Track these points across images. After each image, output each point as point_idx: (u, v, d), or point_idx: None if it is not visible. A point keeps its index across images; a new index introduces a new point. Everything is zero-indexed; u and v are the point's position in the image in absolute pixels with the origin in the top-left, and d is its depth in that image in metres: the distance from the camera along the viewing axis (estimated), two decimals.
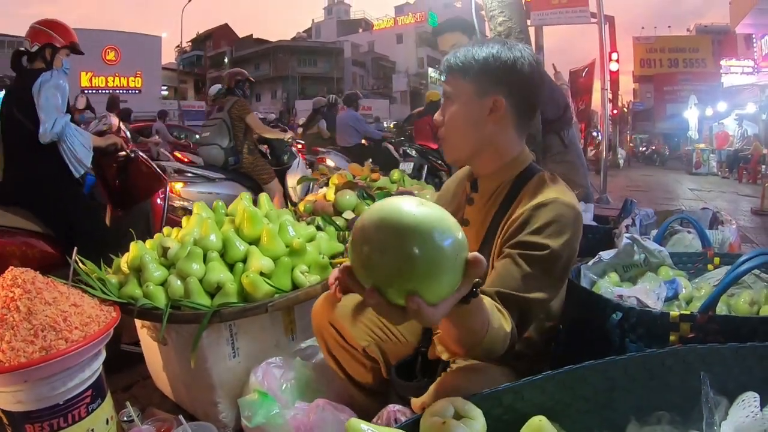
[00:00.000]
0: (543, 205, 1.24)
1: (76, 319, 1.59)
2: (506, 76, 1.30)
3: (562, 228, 1.22)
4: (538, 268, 1.19)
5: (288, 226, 2.18)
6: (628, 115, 34.61)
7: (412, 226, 0.76)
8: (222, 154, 4.71)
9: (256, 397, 1.72)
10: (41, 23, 2.92)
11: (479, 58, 1.31)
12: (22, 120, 2.73)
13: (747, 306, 1.53)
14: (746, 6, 14.60)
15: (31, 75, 2.77)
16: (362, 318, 1.60)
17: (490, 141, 1.35)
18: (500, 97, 1.31)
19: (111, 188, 3.46)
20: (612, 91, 10.93)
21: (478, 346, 1.05)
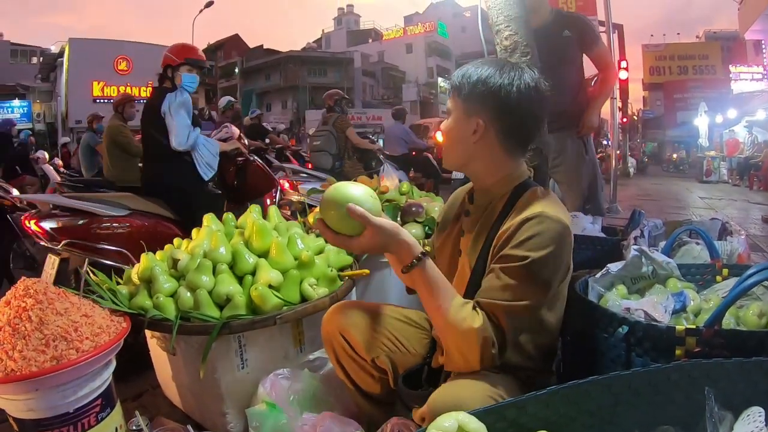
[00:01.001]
0: (528, 220, 1.30)
1: (87, 330, 1.60)
2: (491, 102, 1.37)
3: (544, 240, 1.28)
4: (518, 278, 1.26)
5: (297, 238, 2.19)
6: (638, 123, 34.47)
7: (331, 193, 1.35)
8: (330, 159, 6.19)
9: (264, 408, 1.73)
10: (168, 49, 3.45)
11: (471, 80, 1.39)
12: (154, 134, 3.31)
13: (756, 318, 1.52)
14: (755, 12, 14.56)
15: (158, 94, 3.32)
16: (373, 329, 1.62)
17: (475, 158, 1.44)
18: (483, 120, 1.38)
19: (228, 187, 4.08)
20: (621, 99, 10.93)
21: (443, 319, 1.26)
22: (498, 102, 1.37)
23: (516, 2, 2.23)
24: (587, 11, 8.16)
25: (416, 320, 1.71)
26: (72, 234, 2.86)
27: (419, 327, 1.69)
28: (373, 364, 1.61)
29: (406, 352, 1.63)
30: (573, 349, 1.67)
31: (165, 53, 3.41)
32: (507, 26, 2.23)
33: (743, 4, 16.12)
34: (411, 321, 1.70)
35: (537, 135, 1.46)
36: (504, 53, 2.26)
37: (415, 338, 1.65)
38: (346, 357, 1.66)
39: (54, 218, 3.02)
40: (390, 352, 1.61)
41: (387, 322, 1.66)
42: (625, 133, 17.14)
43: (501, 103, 1.36)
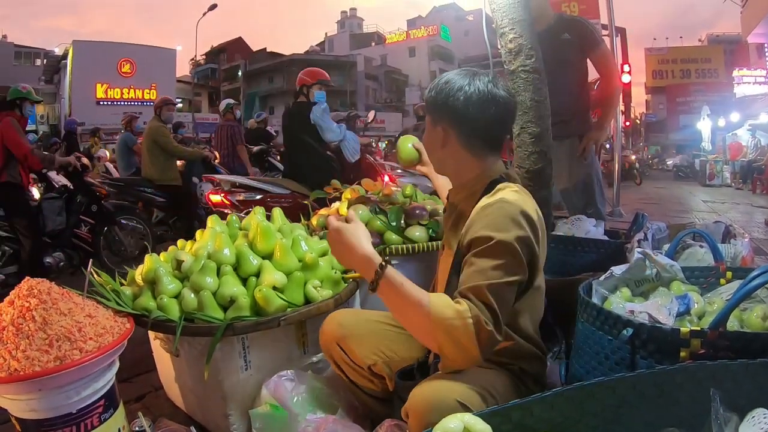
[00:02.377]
0: (488, 206, 1.38)
1: (91, 330, 1.60)
2: (446, 110, 1.48)
3: (504, 221, 1.33)
4: (490, 257, 1.29)
5: (301, 240, 2.20)
6: (640, 127, 34.44)
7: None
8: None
9: (268, 410, 1.73)
10: (302, 72, 4.63)
11: (432, 93, 1.52)
12: (306, 138, 4.37)
13: (759, 321, 1.52)
14: (758, 15, 14.54)
15: (305, 107, 4.40)
16: (369, 338, 1.67)
17: (447, 162, 1.57)
18: (443, 127, 1.50)
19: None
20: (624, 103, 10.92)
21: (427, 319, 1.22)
22: (450, 109, 1.47)
23: (520, 5, 2.23)
24: (590, 15, 8.17)
25: None
26: (251, 206, 3.76)
27: None
28: (371, 372, 1.65)
29: (402, 357, 1.66)
30: (577, 352, 1.66)
31: (300, 76, 4.59)
32: (511, 29, 2.23)
33: (746, 8, 16.11)
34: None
35: (503, 135, 1.55)
36: (508, 56, 2.26)
37: (411, 343, 1.67)
38: (345, 365, 1.72)
39: (236, 193, 4.39)
40: (387, 359, 1.65)
41: (382, 329, 1.71)
42: (628, 136, 17.16)
43: (454, 109, 1.46)
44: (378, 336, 1.69)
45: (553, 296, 2.33)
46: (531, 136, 2.24)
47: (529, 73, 2.23)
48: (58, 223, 4.66)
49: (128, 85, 31.03)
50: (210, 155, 6.40)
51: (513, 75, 2.25)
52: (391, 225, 2.57)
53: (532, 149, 2.25)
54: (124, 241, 5.19)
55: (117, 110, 28.21)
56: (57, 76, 33.82)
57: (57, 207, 4.68)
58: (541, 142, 2.25)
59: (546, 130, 2.27)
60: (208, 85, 46.42)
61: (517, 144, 2.29)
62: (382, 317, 1.76)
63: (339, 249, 1.38)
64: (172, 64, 34.09)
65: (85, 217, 4.96)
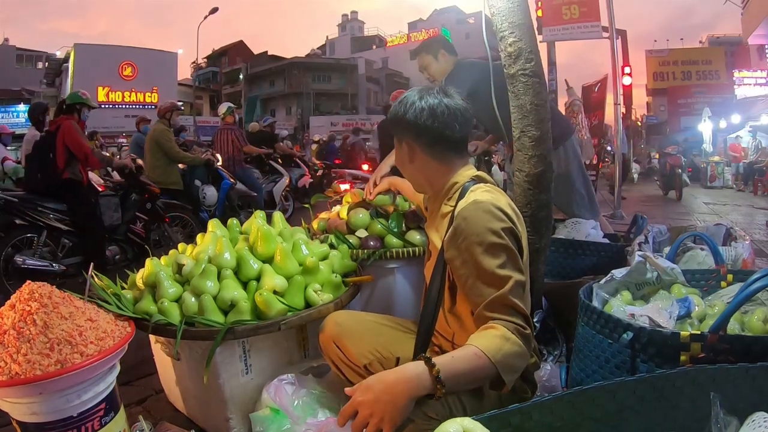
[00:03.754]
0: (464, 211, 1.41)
1: (92, 334, 1.61)
2: (404, 124, 1.57)
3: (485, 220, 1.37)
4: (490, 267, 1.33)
5: (301, 244, 2.20)
6: (642, 129, 34.40)
7: None
8: None
9: (268, 413, 1.74)
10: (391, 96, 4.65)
11: (392, 115, 1.62)
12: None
13: (760, 323, 1.52)
14: (759, 17, 14.54)
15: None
16: (365, 337, 1.71)
17: (418, 175, 1.65)
18: (408, 141, 1.59)
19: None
20: (625, 105, 10.91)
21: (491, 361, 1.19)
22: (409, 124, 1.55)
23: (520, 9, 2.23)
24: (591, 17, 8.15)
25: (408, 326, 1.79)
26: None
27: (410, 332, 1.74)
28: (367, 371, 1.65)
29: (400, 357, 1.67)
30: (578, 355, 1.66)
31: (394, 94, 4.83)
32: (511, 33, 2.23)
33: (746, 10, 16.11)
34: (402, 327, 1.79)
35: (462, 140, 1.60)
36: (508, 60, 2.26)
37: (405, 344, 1.69)
38: (341, 364, 1.73)
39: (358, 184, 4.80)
40: (382, 358, 1.67)
41: (380, 329, 1.76)
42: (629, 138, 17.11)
43: (411, 123, 1.55)
44: (375, 335, 1.72)
45: (553, 299, 2.34)
46: (531, 140, 2.24)
47: (528, 77, 2.22)
48: (114, 219, 4.99)
49: (130, 88, 31.08)
50: (212, 159, 6.53)
51: (513, 79, 2.25)
52: (392, 229, 2.57)
53: (532, 153, 2.24)
54: (173, 237, 5.47)
55: (118, 113, 28.28)
56: (58, 79, 33.85)
57: (113, 204, 5.03)
58: (541, 146, 2.25)
59: (546, 133, 2.26)
60: (209, 88, 46.47)
61: (517, 147, 2.29)
62: (380, 318, 1.82)
63: (388, 397, 1.15)
64: (174, 68, 34.14)
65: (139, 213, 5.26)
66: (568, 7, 8.24)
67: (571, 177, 3.37)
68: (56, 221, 4.45)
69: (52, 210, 4.44)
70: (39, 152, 4.55)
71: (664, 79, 33.16)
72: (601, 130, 11.45)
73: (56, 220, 4.45)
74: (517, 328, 1.26)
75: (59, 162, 4.39)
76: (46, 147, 4.44)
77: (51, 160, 4.39)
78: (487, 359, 1.20)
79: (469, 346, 1.23)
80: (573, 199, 3.36)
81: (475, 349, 1.21)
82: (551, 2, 8.03)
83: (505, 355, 1.21)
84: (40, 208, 4.37)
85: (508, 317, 1.28)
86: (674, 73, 32.94)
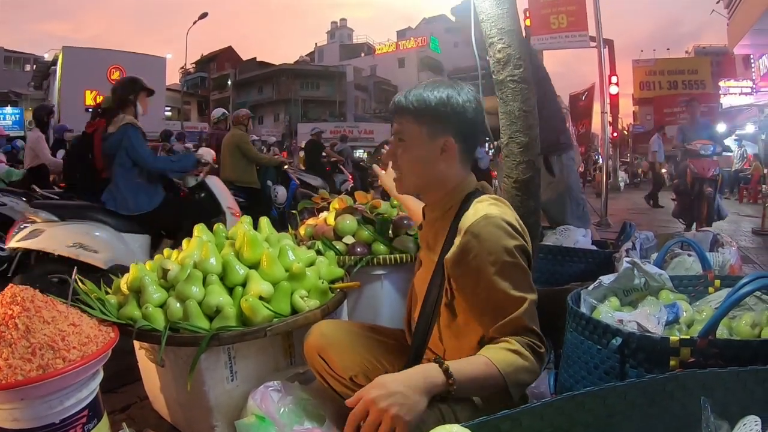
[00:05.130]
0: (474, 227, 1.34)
1: (75, 339, 1.58)
2: (455, 120, 1.45)
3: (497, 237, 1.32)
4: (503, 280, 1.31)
5: (288, 250, 2.18)
6: (628, 137, 34.71)
7: None
8: None
9: (254, 421, 1.71)
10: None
11: (431, 103, 1.44)
12: None
13: (748, 328, 1.52)
14: (744, 27, 14.68)
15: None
16: (350, 348, 1.66)
17: (438, 177, 1.49)
18: (450, 138, 1.45)
19: None
20: (612, 114, 11.01)
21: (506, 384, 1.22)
22: (462, 118, 1.45)
23: (509, 15, 2.24)
24: (578, 27, 8.22)
25: (393, 336, 1.76)
26: None
27: (396, 342, 1.73)
28: (352, 382, 1.62)
29: (383, 368, 1.64)
30: (566, 362, 1.66)
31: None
32: (500, 39, 2.24)
33: (732, 20, 16.28)
34: (387, 338, 1.75)
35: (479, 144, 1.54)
36: (497, 66, 2.26)
37: (392, 354, 1.68)
38: (327, 375, 1.68)
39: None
40: (368, 369, 1.62)
41: (364, 341, 1.70)
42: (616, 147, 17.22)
43: (464, 119, 1.45)
44: (361, 346, 1.67)
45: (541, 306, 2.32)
46: (519, 146, 2.24)
47: (517, 83, 2.23)
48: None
49: None
50: (285, 161, 7.08)
51: (501, 85, 2.26)
52: (379, 235, 2.57)
53: (521, 159, 2.25)
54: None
55: None
56: (46, 81, 33.66)
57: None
58: (529, 152, 2.25)
59: (534, 139, 2.27)
60: (197, 93, 46.36)
61: (506, 154, 2.29)
62: (366, 328, 1.77)
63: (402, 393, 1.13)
64: (162, 72, 33.97)
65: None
66: (556, 16, 8.31)
67: (570, 186, 3.39)
68: None
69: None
70: (78, 153, 4.64)
71: (651, 88, 33.51)
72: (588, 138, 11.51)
73: None
74: (531, 345, 1.27)
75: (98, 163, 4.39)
76: (85, 148, 4.48)
77: (89, 161, 4.43)
78: (496, 370, 1.20)
79: (480, 356, 1.24)
80: (570, 208, 3.37)
81: (486, 359, 1.22)
82: (540, 11, 8.09)
83: (516, 369, 1.22)
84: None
85: (523, 337, 1.29)
86: (660, 82, 33.30)
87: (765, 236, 7.45)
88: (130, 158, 3.70)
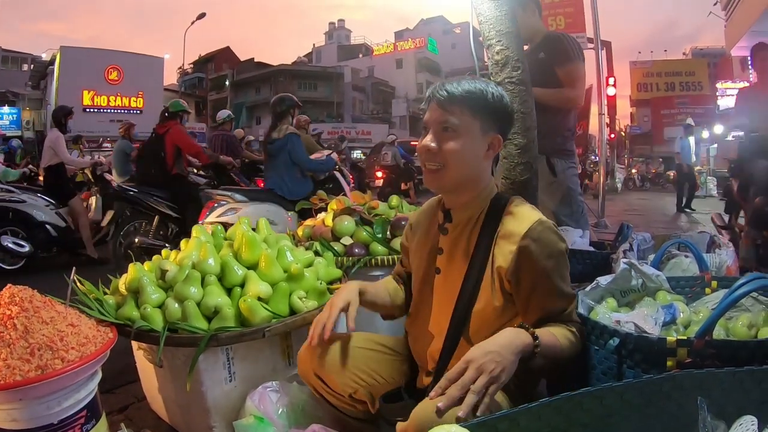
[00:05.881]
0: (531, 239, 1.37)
1: (73, 339, 1.58)
2: (503, 117, 1.46)
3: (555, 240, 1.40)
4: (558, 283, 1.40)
5: (286, 251, 2.18)
6: (625, 139, 34.80)
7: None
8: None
9: (252, 421, 1.71)
10: None
11: (488, 97, 1.42)
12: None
13: (745, 329, 1.52)
14: (742, 29, 14.71)
15: None
16: (347, 365, 1.59)
17: (479, 174, 1.47)
18: (499, 135, 1.45)
19: None
20: (609, 115, 11.04)
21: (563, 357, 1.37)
22: (507, 117, 1.47)
23: (507, 17, 2.25)
24: (576, 29, 8.24)
25: (391, 347, 1.70)
26: None
27: (395, 353, 1.69)
28: (352, 399, 1.59)
29: (384, 381, 1.62)
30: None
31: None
32: (498, 41, 2.24)
33: (730, 22, 16.31)
34: (386, 349, 1.69)
35: None
36: (495, 67, 2.27)
37: (391, 366, 1.65)
38: (325, 393, 1.63)
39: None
40: (367, 385, 1.59)
41: (361, 355, 1.62)
42: (613, 149, 17.25)
43: (509, 117, 1.48)
44: (358, 362, 1.60)
45: None
46: (517, 148, 2.25)
47: (515, 85, 2.24)
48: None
49: (115, 93, 30.77)
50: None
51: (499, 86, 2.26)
52: (377, 236, 2.57)
53: (518, 160, 2.25)
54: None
55: (103, 118, 28.01)
56: (44, 81, 33.51)
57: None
58: (527, 154, 2.26)
59: (532, 141, 2.28)
60: (195, 94, 46.23)
61: (503, 155, 2.30)
62: (361, 341, 1.67)
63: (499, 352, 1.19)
64: (160, 73, 33.88)
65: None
66: (554, 18, 8.34)
67: (570, 187, 3.39)
68: (167, 209, 5.53)
69: (163, 199, 5.53)
70: (150, 151, 5.68)
71: (648, 90, 33.65)
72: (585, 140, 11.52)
73: (167, 208, 5.53)
74: (581, 331, 1.46)
75: (168, 160, 5.49)
76: (157, 147, 5.52)
77: (161, 158, 5.46)
78: (559, 344, 1.35)
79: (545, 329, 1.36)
80: (568, 209, 3.36)
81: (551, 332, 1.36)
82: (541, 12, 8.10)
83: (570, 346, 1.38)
84: (154, 197, 5.48)
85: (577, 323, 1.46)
86: (658, 84, 33.45)
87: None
88: (291, 158, 4.83)
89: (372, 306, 1.67)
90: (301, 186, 4.94)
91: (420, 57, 48.23)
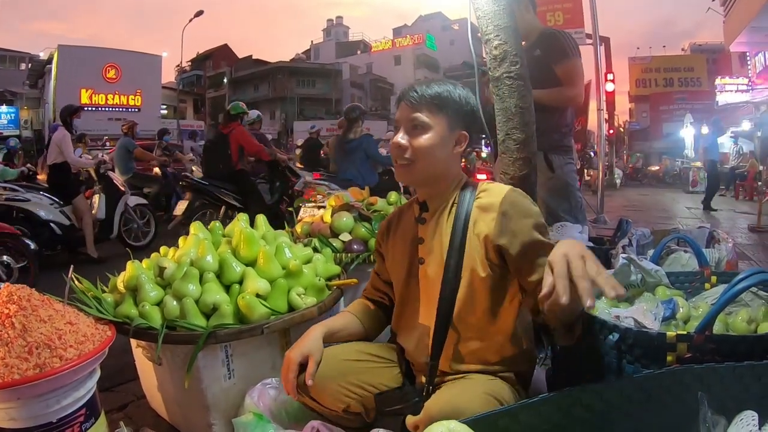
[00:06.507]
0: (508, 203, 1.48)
1: (71, 338, 1.57)
2: (470, 117, 1.57)
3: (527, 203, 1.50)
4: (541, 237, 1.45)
5: (284, 247, 2.18)
6: (624, 135, 34.80)
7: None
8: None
9: (252, 418, 1.71)
10: None
11: (455, 97, 1.54)
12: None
13: (745, 324, 1.53)
14: (740, 25, 14.69)
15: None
16: (338, 381, 1.58)
17: (448, 167, 1.57)
18: (465, 132, 1.56)
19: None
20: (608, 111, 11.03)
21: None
22: (474, 117, 1.58)
23: (505, 12, 2.24)
24: (574, 24, 8.24)
25: (382, 355, 1.69)
26: None
27: (385, 360, 1.68)
28: (346, 412, 1.59)
29: (377, 388, 1.61)
30: (564, 358, 1.66)
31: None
32: (496, 36, 2.24)
33: (728, 17, 16.30)
34: (377, 358, 1.68)
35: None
36: (493, 62, 2.26)
37: (382, 374, 1.64)
38: (318, 408, 1.63)
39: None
40: (359, 397, 1.59)
41: (350, 368, 1.61)
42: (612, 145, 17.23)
43: (474, 115, 1.58)
44: (347, 376, 1.59)
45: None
46: (516, 143, 2.24)
47: (513, 80, 2.23)
48: (268, 199, 6.73)
49: (113, 91, 30.75)
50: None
51: (498, 81, 2.26)
52: (376, 232, 2.56)
53: (517, 155, 2.25)
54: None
55: (101, 116, 27.93)
56: (41, 80, 33.45)
57: (266, 189, 6.85)
58: (526, 149, 2.25)
59: (531, 136, 2.27)
60: (193, 91, 46.23)
61: (502, 150, 2.29)
62: (349, 353, 1.65)
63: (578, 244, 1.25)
64: (158, 71, 33.83)
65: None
66: (552, 13, 8.34)
67: (568, 183, 3.38)
68: (233, 200, 6.15)
69: (229, 192, 6.15)
70: (216, 149, 6.44)
71: (647, 85, 33.65)
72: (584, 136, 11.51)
73: (233, 200, 6.15)
74: None
75: (233, 157, 6.18)
76: (222, 145, 6.23)
77: (227, 155, 6.16)
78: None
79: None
80: (567, 205, 3.36)
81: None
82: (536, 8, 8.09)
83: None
84: (222, 189, 6.11)
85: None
86: (656, 79, 33.44)
87: (761, 233, 7.47)
88: (366, 155, 6.00)
89: (347, 338, 1.72)
90: (372, 176, 6.09)
91: (418, 53, 48.19)
